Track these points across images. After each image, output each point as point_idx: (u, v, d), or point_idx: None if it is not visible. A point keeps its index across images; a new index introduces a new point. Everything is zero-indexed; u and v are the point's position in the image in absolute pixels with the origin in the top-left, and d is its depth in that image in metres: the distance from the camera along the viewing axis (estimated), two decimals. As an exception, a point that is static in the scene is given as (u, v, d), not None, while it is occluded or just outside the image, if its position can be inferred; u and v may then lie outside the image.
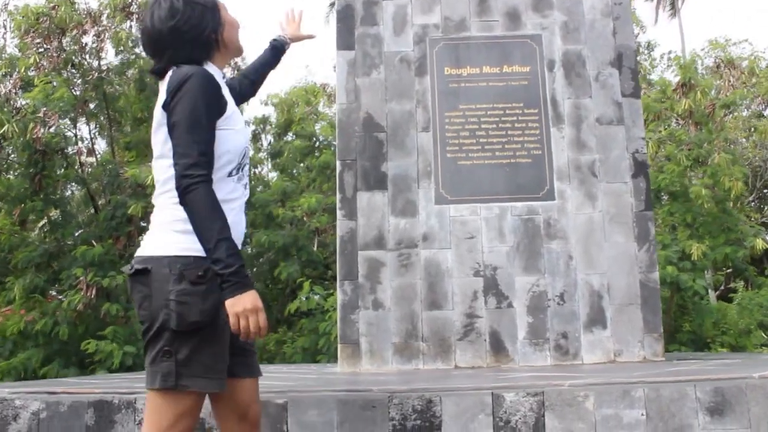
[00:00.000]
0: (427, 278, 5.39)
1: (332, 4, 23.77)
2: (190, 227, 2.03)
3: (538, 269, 5.39)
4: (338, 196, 5.56)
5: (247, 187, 2.30)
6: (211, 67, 2.23)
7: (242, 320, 1.95)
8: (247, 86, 2.81)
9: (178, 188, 2.01)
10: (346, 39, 5.82)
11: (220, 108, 2.12)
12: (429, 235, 5.44)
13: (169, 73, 2.16)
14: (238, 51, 2.39)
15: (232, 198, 2.17)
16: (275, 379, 4.49)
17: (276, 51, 2.97)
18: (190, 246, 2.04)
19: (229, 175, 2.17)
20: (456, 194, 5.48)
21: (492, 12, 5.80)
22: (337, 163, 5.60)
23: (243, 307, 1.94)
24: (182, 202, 2.01)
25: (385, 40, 5.79)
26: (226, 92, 2.20)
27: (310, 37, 3.16)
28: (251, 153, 16.23)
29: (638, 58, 14.18)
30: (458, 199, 5.47)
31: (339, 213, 5.53)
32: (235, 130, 2.16)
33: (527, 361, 5.26)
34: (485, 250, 5.41)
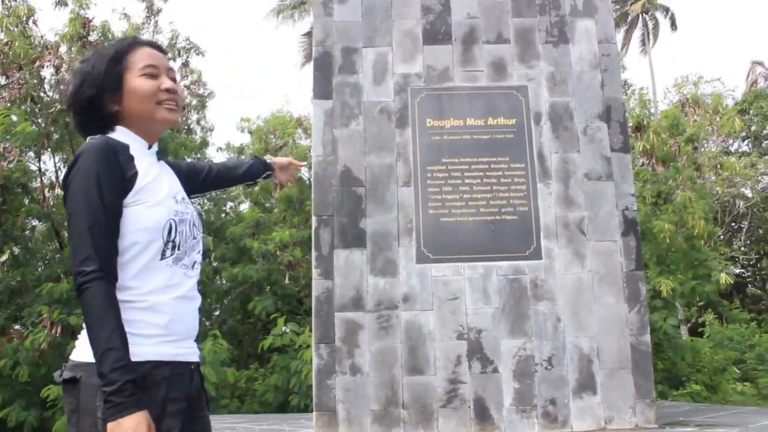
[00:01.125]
0: (407, 341, 5.11)
1: (308, 34, 23.57)
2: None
3: (525, 332, 5.14)
4: (314, 253, 5.28)
5: (196, 267, 2.00)
6: (128, 136, 1.97)
7: None
8: (221, 178, 2.51)
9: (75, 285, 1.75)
10: (323, 88, 5.56)
11: (123, 183, 1.84)
12: (410, 296, 5.17)
13: None
14: (154, 121, 2.01)
15: (172, 285, 1.88)
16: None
17: (259, 171, 2.68)
18: None
19: (162, 257, 1.87)
20: (438, 253, 5.22)
21: (476, 62, 5.58)
22: (313, 218, 5.32)
23: None
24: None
25: (365, 90, 5.54)
26: (142, 162, 1.92)
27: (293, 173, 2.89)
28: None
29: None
30: (441, 257, 5.22)
31: (315, 272, 5.24)
32: (149, 204, 1.87)
33: (514, 430, 4.99)
34: (469, 311, 5.15)
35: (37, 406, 10.38)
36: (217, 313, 15.09)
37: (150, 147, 2.03)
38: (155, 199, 1.89)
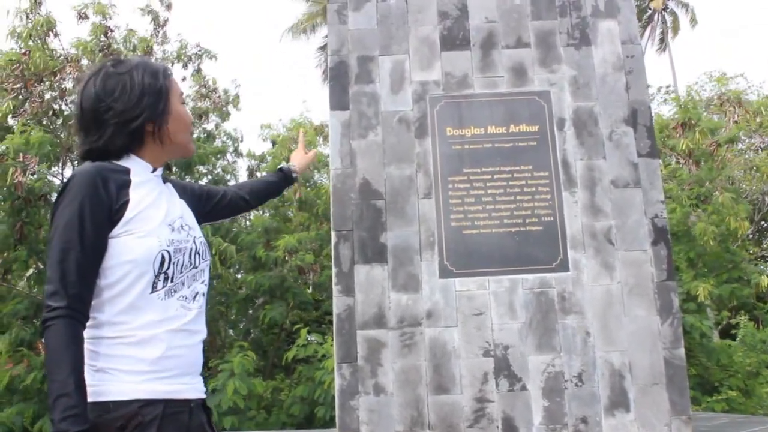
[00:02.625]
0: (432, 359, 4.95)
1: (322, 48, 23.53)
2: (107, 364, 1.68)
3: (553, 347, 4.95)
4: (334, 270, 5.13)
5: (199, 298, 1.88)
6: (132, 161, 1.86)
7: None
8: (236, 204, 2.41)
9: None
10: (340, 98, 5.41)
11: (111, 212, 1.73)
12: (433, 312, 5.01)
13: None
14: (185, 152, 1.97)
15: (165, 318, 1.77)
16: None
17: (283, 179, 2.64)
18: (108, 388, 1.66)
19: (153, 290, 1.75)
20: (462, 266, 5.05)
21: (496, 67, 5.40)
22: (333, 233, 5.18)
23: None
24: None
25: (382, 99, 5.39)
26: (139, 189, 1.81)
27: (312, 157, 2.92)
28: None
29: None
30: (464, 271, 5.05)
31: (335, 289, 5.10)
32: (138, 235, 1.75)
33: (544, 450, 4.81)
34: (495, 327, 4.98)
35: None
36: (243, 323, 15.04)
37: (155, 170, 1.92)
38: (146, 229, 1.77)
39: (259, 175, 16.60)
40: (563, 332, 4.97)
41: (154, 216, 1.81)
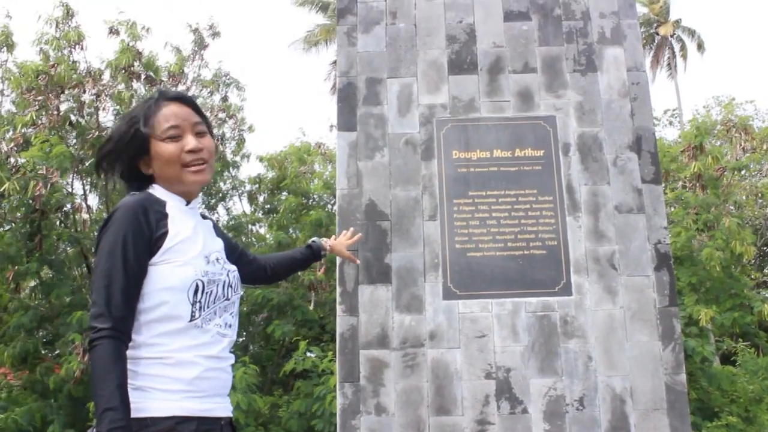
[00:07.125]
0: (434, 381, 4.97)
1: (334, 62, 23.71)
2: (145, 383, 1.78)
3: (555, 371, 4.98)
4: (338, 289, 5.17)
5: (230, 327, 2.00)
6: (165, 193, 2.00)
7: None
8: (257, 274, 2.56)
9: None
10: (347, 119, 5.48)
11: (152, 241, 1.86)
12: (436, 334, 5.04)
13: None
14: (181, 185, 2.04)
15: (201, 344, 1.88)
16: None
17: (310, 256, 2.83)
18: (146, 405, 1.76)
19: (192, 318, 1.87)
20: (465, 289, 5.09)
21: (503, 92, 5.47)
22: (338, 253, 5.22)
23: None
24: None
25: (390, 121, 5.45)
26: (176, 221, 1.93)
27: (352, 259, 3.16)
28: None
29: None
30: (468, 294, 5.08)
31: (339, 308, 5.13)
32: (176, 264, 1.87)
33: (544, 473, 4.82)
34: (497, 350, 5.00)
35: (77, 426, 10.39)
36: (242, 339, 15.04)
37: (188, 203, 2.04)
38: (183, 259, 1.90)
39: (259, 198, 16.61)
40: (565, 356, 4.99)
41: (191, 247, 1.93)
